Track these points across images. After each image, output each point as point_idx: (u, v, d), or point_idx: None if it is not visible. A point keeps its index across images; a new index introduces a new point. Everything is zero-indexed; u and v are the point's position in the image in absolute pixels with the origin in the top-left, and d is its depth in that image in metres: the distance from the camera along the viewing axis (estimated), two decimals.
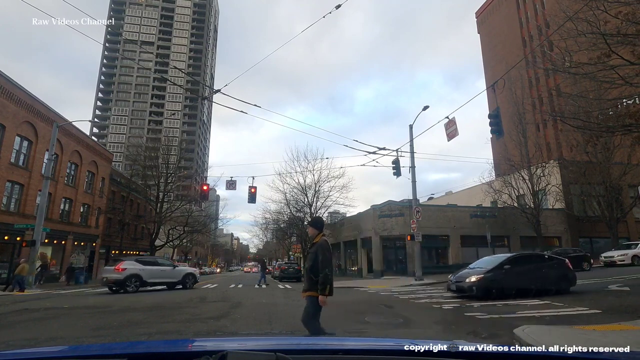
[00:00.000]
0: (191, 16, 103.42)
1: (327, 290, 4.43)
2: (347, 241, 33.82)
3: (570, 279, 11.81)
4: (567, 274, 11.85)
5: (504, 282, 11.15)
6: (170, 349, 1.74)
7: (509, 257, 12.37)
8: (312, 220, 5.19)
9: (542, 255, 13.27)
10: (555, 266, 12.02)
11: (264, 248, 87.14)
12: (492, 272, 11.46)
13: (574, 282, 11.87)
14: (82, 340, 6.27)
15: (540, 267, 11.86)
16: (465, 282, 11.57)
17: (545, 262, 12.22)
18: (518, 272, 11.48)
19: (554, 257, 12.78)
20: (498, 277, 11.28)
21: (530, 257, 13.00)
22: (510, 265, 11.64)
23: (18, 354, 1.55)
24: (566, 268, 12.05)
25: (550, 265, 12.02)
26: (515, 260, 12.02)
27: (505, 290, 10.95)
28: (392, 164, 20.92)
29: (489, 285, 11.15)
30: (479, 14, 59.58)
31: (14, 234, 22.83)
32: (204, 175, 79.85)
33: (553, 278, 11.54)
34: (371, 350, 1.72)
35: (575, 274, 12.13)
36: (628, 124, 10.21)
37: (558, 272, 11.77)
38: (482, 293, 11.05)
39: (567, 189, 29.87)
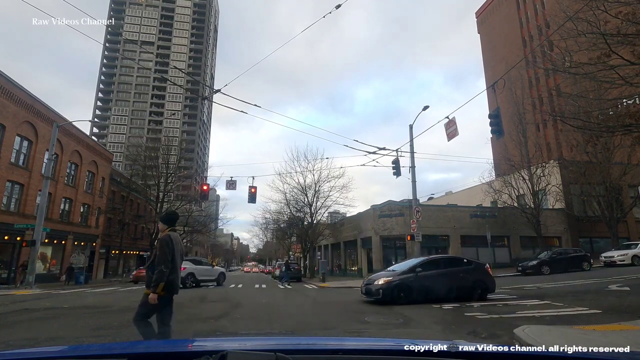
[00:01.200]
0: (191, 16, 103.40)
1: (160, 288, 4.13)
2: (347, 241, 33.81)
3: (488, 285, 11.35)
4: (485, 279, 11.40)
5: (414, 287, 10.75)
6: (170, 349, 1.74)
7: (423, 260, 12.03)
8: (163, 214, 4.86)
9: (460, 259, 12.79)
10: (474, 271, 11.55)
11: (264, 248, 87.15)
12: (402, 275, 11.10)
13: (492, 288, 11.41)
14: (82, 340, 6.27)
15: (457, 271, 11.44)
16: (373, 285, 11.11)
17: (463, 266, 11.78)
18: (431, 276, 11.08)
19: (473, 262, 12.32)
20: (408, 281, 10.86)
21: (447, 260, 12.68)
22: (423, 268, 11.27)
23: (18, 354, 1.55)
24: (485, 273, 11.62)
25: (468, 270, 11.57)
26: (429, 264, 11.68)
27: (415, 295, 10.59)
28: (392, 164, 20.91)
29: (397, 289, 10.72)
30: (479, 14, 59.59)
31: (14, 234, 22.84)
32: (204, 175, 79.81)
33: (469, 284, 11.12)
34: (371, 350, 1.72)
35: (494, 280, 11.71)
36: (628, 124, 10.21)
37: (476, 277, 11.34)
38: (388, 297, 10.62)
39: (567, 189, 29.87)
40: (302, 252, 37.12)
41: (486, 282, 11.37)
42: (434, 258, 12.58)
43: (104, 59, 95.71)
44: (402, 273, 11.22)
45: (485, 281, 11.37)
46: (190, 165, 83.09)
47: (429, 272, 11.23)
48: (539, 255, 22.63)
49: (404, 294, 10.65)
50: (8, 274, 23.36)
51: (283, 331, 7.17)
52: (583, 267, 21.21)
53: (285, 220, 37.73)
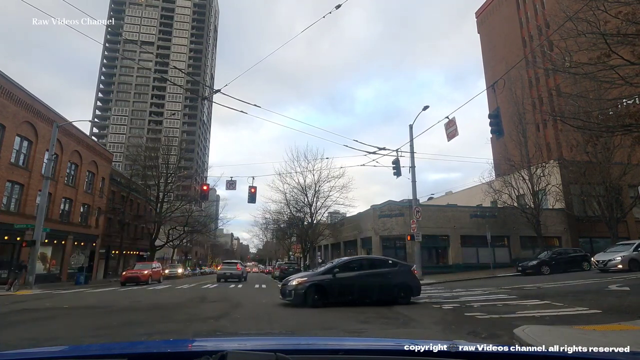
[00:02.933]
0: (191, 16, 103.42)
1: None
2: (347, 241, 33.82)
3: (413, 287, 10.95)
4: (409, 282, 11.00)
5: (331, 288, 10.30)
6: (170, 349, 1.74)
7: (342, 260, 11.55)
8: None
9: (384, 261, 12.26)
10: (398, 273, 11.10)
11: (264, 248, 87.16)
12: (319, 276, 10.61)
13: (417, 291, 11.02)
14: (82, 340, 6.27)
15: (380, 273, 10.99)
16: (287, 286, 10.58)
17: (386, 267, 11.33)
18: (351, 278, 10.58)
19: (398, 263, 11.90)
20: (324, 283, 10.33)
21: (370, 261, 12.15)
22: (342, 269, 10.77)
23: (18, 354, 1.55)
24: (410, 275, 11.23)
25: (392, 272, 11.12)
26: (350, 265, 11.19)
27: (332, 297, 10.26)
28: (392, 164, 20.93)
29: (311, 291, 10.18)
30: (479, 14, 59.58)
31: (14, 234, 22.82)
32: (204, 175, 79.88)
33: (393, 286, 10.70)
34: (371, 350, 1.72)
35: (419, 283, 11.41)
36: (628, 124, 10.21)
37: (400, 279, 10.90)
38: (301, 299, 10.13)
39: (567, 189, 29.86)
40: (302, 252, 37.15)
41: (410, 284, 10.97)
42: (355, 259, 12.12)
43: (104, 59, 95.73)
44: (319, 274, 10.78)
45: (409, 284, 10.96)
46: (190, 165, 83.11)
47: (348, 273, 10.75)
48: (539, 255, 22.63)
49: (318, 296, 10.15)
50: (8, 274, 23.32)
51: (283, 331, 7.17)
52: (583, 267, 21.23)
53: (285, 220, 37.79)
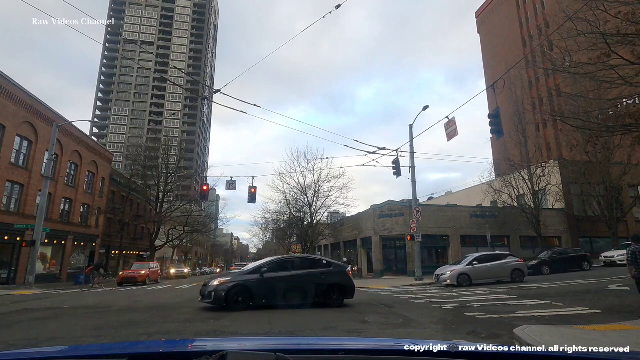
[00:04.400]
0: (191, 16, 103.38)
1: None
2: (347, 241, 33.82)
3: (347, 289, 10.42)
4: (343, 283, 10.43)
5: (257, 290, 9.61)
6: (170, 349, 1.74)
7: (272, 260, 10.83)
8: None
9: (317, 260, 11.59)
10: (332, 274, 10.48)
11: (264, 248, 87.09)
12: (244, 277, 9.89)
13: (350, 293, 10.49)
14: (82, 340, 6.27)
15: (313, 274, 10.35)
16: (208, 287, 9.72)
17: (320, 268, 10.68)
18: (280, 278, 9.96)
19: (332, 263, 11.18)
20: (250, 283, 9.63)
21: (302, 261, 11.47)
22: (271, 269, 10.08)
23: (18, 354, 1.55)
24: (344, 277, 10.64)
25: (325, 272, 10.49)
26: (280, 264, 10.55)
27: (258, 299, 9.58)
28: (392, 164, 20.93)
29: (234, 293, 9.43)
30: (479, 14, 59.58)
31: (14, 234, 22.83)
32: (204, 175, 79.90)
33: (326, 287, 10.13)
34: (371, 350, 1.72)
35: (353, 285, 10.67)
36: (628, 124, 10.21)
37: (333, 280, 10.33)
38: (221, 302, 9.37)
39: (567, 189, 29.88)
40: (302, 252, 37.10)
41: (344, 286, 10.44)
42: (287, 258, 11.52)
43: (104, 59, 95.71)
44: (245, 273, 10.12)
45: (343, 285, 10.43)
46: (190, 165, 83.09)
47: (278, 273, 10.10)
48: (539, 255, 22.63)
49: (242, 298, 9.45)
50: (8, 274, 23.36)
51: (283, 331, 7.16)
52: (583, 267, 21.22)
53: (285, 220, 37.73)
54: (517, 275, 16.74)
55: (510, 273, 16.82)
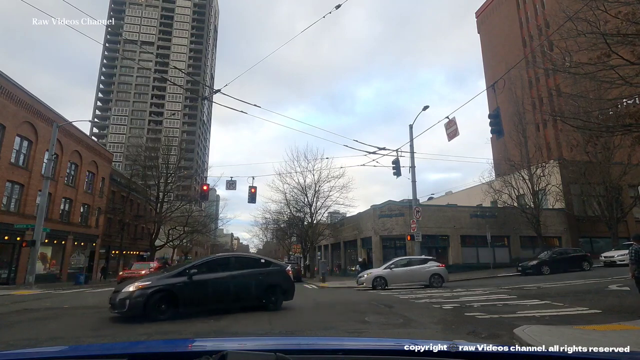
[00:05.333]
0: (191, 16, 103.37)
1: None
2: (347, 241, 33.81)
3: (286, 291, 9.91)
4: (282, 285, 9.89)
5: (184, 295, 8.48)
6: (170, 349, 1.74)
7: (202, 260, 9.77)
8: None
9: (255, 260, 10.67)
10: (271, 274, 9.86)
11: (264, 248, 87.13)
12: (168, 280, 8.65)
13: (290, 295, 10.01)
14: (82, 340, 6.27)
15: (250, 274, 9.56)
16: (120, 294, 8.15)
17: (257, 268, 9.92)
18: (212, 281, 8.93)
19: (271, 263, 10.59)
20: (175, 288, 8.47)
21: (237, 261, 10.30)
22: (202, 270, 8.99)
23: (18, 354, 1.55)
24: (284, 277, 10.04)
25: (264, 272, 9.79)
26: (212, 264, 9.55)
27: (185, 305, 8.49)
28: (392, 164, 20.93)
29: (155, 299, 8.15)
30: (479, 14, 59.57)
31: (14, 234, 22.84)
32: (204, 175, 79.88)
33: (264, 289, 9.52)
34: (371, 350, 1.72)
35: (293, 286, 10.37)
36: (628, 124, 10.21)
37: (272, 281, 9.73)
38: (140, 311, 7.99)
39: (567, 189, 29.87)
40: (302, 252, 37.12)
41: (284, 287, 9.88)
42: (220, 257, 10.34)
43: (104, 59, 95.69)
44: (170, 276, 8.79)
45: (283, 286, 9.86)
46: (190, 165, 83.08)
47: (209, 275, 9.03)
48: (539, 255, 22.62)
49: (166, 305, 8.27)
50: (8, 274, 23.37)
51: (283, 331, 7.16)
52: (583, 267, 21.21)
53: (285, 220, 37.75)
54: (436, 280, 16.80)
55: (428, 278, 16.92)
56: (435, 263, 17.80)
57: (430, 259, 18.42)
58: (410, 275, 17.25)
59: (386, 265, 18.09)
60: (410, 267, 17.47)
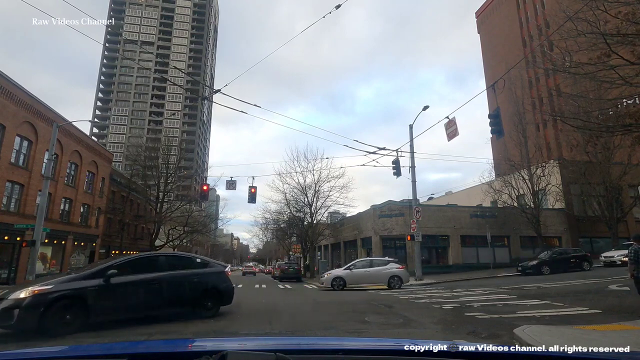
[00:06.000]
0: (191, 16, 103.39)
1: None
2: (347, 241, 33.81)
3: (224, 294, 8.90)
4: (220, 287, 8.86)
5: (102, 301, 7.16)
6: (170, 349, 1.74)
7: (125, 259, 8.44)
8: None
9: (190, 260, 9.44)
10: (207, 276, 8.84)
11: (264, 248, 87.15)
12: (80, 282, 7.11)
13: (228, 299, 9.00)
14: (82, 340, 6.27)
15: (183, 276, 8.48)
16: (6, 302, 6.48)
17: (192, 268, 8.87)
18: (135, 284, 7.65)
19: (208, 263, 9.48)
20: (89, 293, 7.01)
21: (169, 260, 8.93)
22: (123, 271, 7.59)
23: (18, 354, 1.55)
24: (222, 279, 9.06)
25: (200, 274, 8.76)
26: (137, 264, 8.20)
27: (101, 314, 7.11)
28: (392, 164, 20.94)
29: (58, 309, 6.65)
30: (479, 14, 59.58)
31: (14, 234, 22.83)
32: (204, 175, 79.89)
33: (200, 292, 8.47)
34: (371, 350, 1.72)
35: (232, 289, 9.20)
36: (628, 124, 10.21)
37: (209, 284, 8.71)
38: (34, 323, 6.37)
39: (567, 189, 29.87)
40: (302, 252, 37.14)
41: (222, 290, 8.89)
42: (146, 256, 8.97)
43: (104, 59, 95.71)
44: (80, 278, 7.24)
45: (220, 290, 8.86)
46: (190, 165, 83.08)
47: (133, 276, 7.71)
48: (539, 255, 22.62)
49: (72, 316, 6.77)
50: (8, 274, 23.38)
51: (283, 331, 7.16)
52: (583, 267, 21.21)
53: (285, 220, 37.79)
54: (395, 281, 16.92)
55: (387, 279, 17.04)
56: (396, 265, 17.91)
57: (392, 261, 18.60)
58: (369, 277, 17.42)
59: (347, 266, 18.40)
60: (370, 268, 17.69)
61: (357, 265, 18.06)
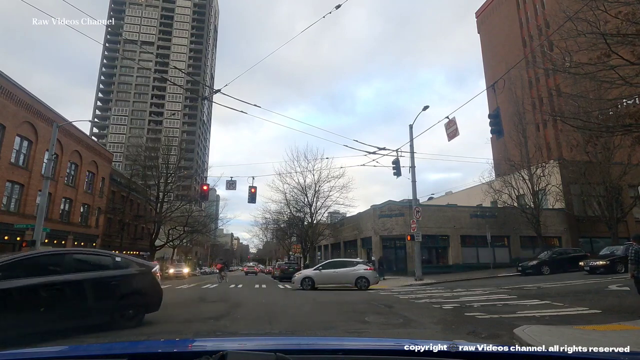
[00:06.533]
0: (191, 16, 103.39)
1: None
2: (347, 241, 33.82)
3: (149, 300, 7.44)
4: (143, 292, 7.42)
5: None
6: (170, 349, 1.74)
7: (14, 258, 6.54)
8: None
9: (105, 258, 7.48)
10: (128, 278, 7.25)
11: (264, 248, 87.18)
12: None
13: (154, 305, 7.55)
14: (82, 340, 6.27)
15: (93, 280, 6.74)
16: None
17: (107, 270, 7.09)
18: (29, 290, 6.12)
19: (131, 262, 7.84)
20: None
21: (76, 259, 7.09)
22: (8, 273, 6.03)
23: (18, 354, 1.55)
24: (147, 282, 7.54)
25: (117, 276, 7.08)
26: (28, 265, 6.47)
27: None
28: (392, 164, 20.93)
29: None
30: (479, 14, 59.56)
31: (14, 234, 22.84)
32: (204, 175, 79.89)
33: (117, 299, 6.95)
34: (371, 350, 1.72)
35: (161, 293, 7.74)
36: (628, 124, 10.22)
37: (130, 288, 7.20)
38: None
39: (567, 189, 29.86)
40: (302, 252, 37.15)
41: (146, 295, 7.44)
42: (45, 254, 7.07)
43: (104, 59, 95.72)
44: None
45: (144, 295, 7.41)
46: (190, 165, 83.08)
47: (25, 280, 6.14)
48: (539, 255, 22.62)
49: None
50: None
51: (283, 331, 7.16)
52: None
53: (285, 220, 37.83)
54: (362, 282, 17.03)
55: (354, 280, 17.16)
56: (364, 266, 18.02)
57: (360, 262, 18.74)
58: (337, 277, 17.57)
59: (317, 267, 18.62)
60: (339, 269, 17.87)
61: (327, 265, 18.38)
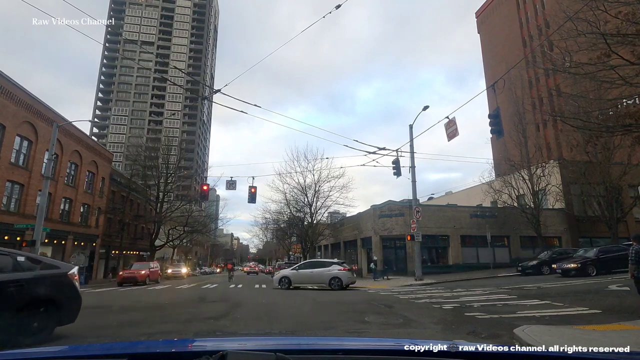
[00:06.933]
0: (191, 16, 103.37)
1: None
2: (347, 241, 33.80)
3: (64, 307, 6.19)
4: (56, 298, 6.13)
5: None
6: (170, 349, 1.74)
7: None
8: None
9: (7, 258, 5.91)
10: (36, 282, 5.94)
11: (264, 248, 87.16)
12: None
13: (70, 315, 6.28)
14: (82, 340, 6.27)
15: None
16: None
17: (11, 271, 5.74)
18: None
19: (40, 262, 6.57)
20: None
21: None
22: None
23: (18, 354, 1.55)
24: (62, 286, 6.36)
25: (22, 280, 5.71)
26: None
27: None
28: (392, 164, 20.93)
29: None
30: (479, 14, 59.55)
31: (14, 234, 22.84)
32: (204, 175, 79.89)
33: (17, 307, 5.56)
34: (371, 350, 1.72)
35: (79, 299, 6.48)
36: (628, 124, 10.21)
37: (39, 292, 5.91)
38: None
39: (567, 189, 29.86)
40: (302, 252, 37.13)
41: (61, 302, 6.18)
42: None
43: (104, 59, 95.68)
44: None
45: (58, 302, 6.14)
46: (190, 165, 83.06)
47: None
48: (539, 256, 22.61)
49: None
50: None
51: (283, 331, 7.16)
52: None
53: (285, 220, 37.81)
54: (335, 282, 17.40)
55: (328, 280, 17.56)
56: (338, 267, 18.29)
57: (335, 263, 18.99)
58: (312, 277, 18.04)
59: (294, 267, 19.25)
60: (314, 269, 18.30)
61: (303, 265, 18.94)
